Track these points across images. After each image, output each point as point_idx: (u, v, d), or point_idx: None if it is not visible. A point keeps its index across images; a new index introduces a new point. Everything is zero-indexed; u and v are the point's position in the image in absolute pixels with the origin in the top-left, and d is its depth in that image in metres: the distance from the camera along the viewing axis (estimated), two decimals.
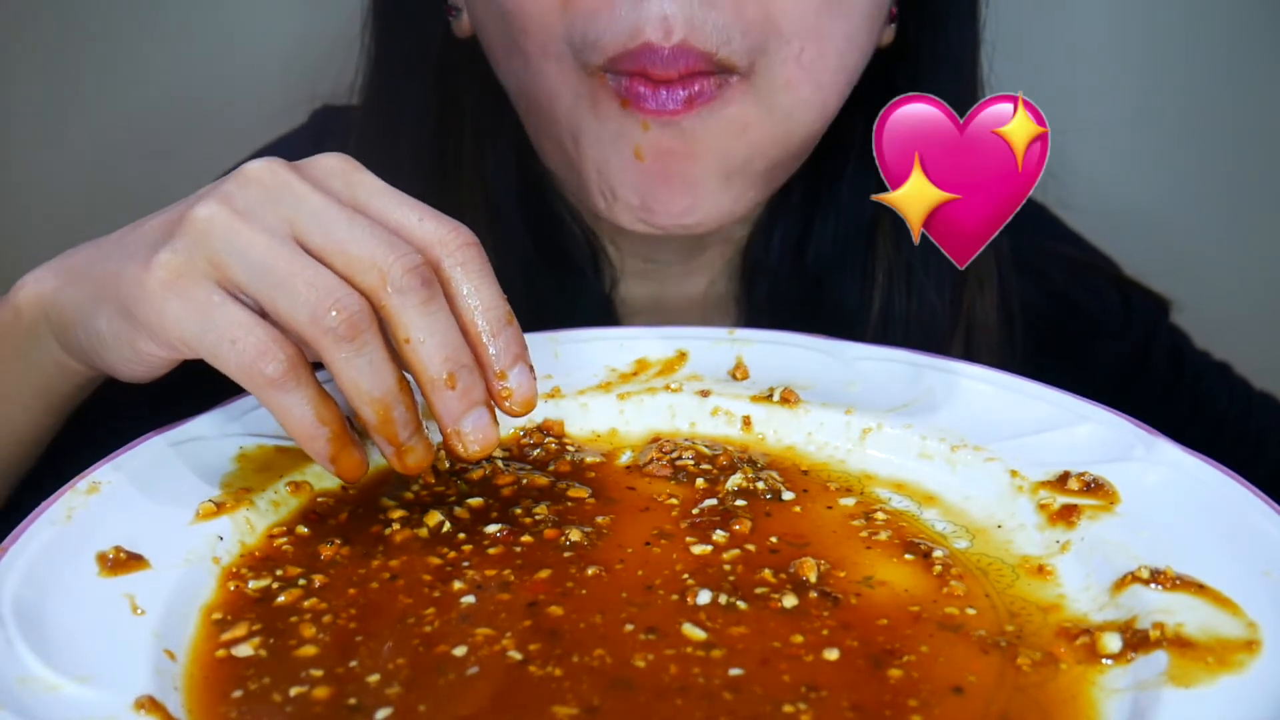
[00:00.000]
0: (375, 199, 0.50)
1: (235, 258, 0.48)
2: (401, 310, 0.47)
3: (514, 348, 0.50)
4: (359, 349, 0.47)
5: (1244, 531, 0.48)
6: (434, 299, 0.48)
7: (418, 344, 0.48)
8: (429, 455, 0.51)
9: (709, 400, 0.61)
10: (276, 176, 0.50)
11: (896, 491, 0.56)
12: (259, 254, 0.48)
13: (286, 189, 0.49)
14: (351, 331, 0.47)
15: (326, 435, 0.48)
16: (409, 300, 0.47)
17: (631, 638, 0.44)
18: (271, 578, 0.48)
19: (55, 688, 0.40)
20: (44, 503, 0.48)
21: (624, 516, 0.52)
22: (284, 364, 0.47)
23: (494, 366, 0.49)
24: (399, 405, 0.48)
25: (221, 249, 0.48)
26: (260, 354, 0.47)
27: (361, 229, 0.48)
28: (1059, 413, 0.57)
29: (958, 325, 0.80)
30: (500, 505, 0.53)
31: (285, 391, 0.47)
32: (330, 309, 0.46)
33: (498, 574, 0.48)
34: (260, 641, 0.44)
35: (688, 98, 0.65)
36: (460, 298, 0.49)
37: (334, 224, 0.48)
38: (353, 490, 0.54)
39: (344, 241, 0.48)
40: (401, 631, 0.44)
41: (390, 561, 0.49)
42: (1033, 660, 0.43)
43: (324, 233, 0.48)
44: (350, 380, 0.48)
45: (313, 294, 0.47)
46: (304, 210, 0.49)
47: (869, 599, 0.47)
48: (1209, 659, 0.41)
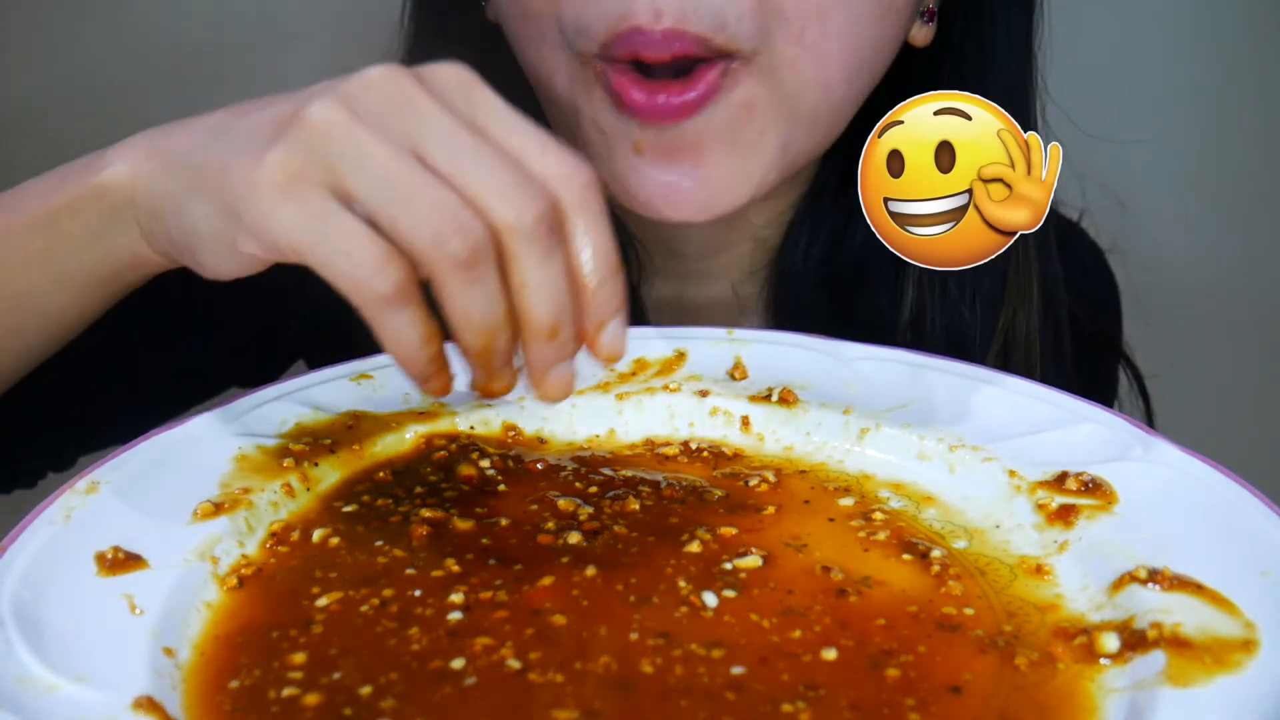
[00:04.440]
0: (497, 121, 0.48)
1: (355, 166, 0.45)
2: (524, 256, 0.46)
3: (615, 300, 0.48)
4: (477, 278, 0.45)
5: (1242, 532, 0.48)
6: (556, 249, 0.46)
7: (532, 290, 0.46)
8: (514, 383, 0.50)
9: (708, 400, 0.62)
10: (401, 86, 0.47)
11: (895, 491, 0.56)
12: (381, 165, 0.45)
13: (412, 102, 0.46)
14: (473, 259, 0.45)
15: (427, 356, 0.47)
16: (533, 248, 0.46)
17: (640, 643, 0.44)
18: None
19: (54, 688, 0.40)
20: (43, 502, 0.48)
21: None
22: (398, 281, 0.45)
23: (594, 317, 0.48)
24: (502, 336, 0.47)
25: (341, 155, 0.45)
26: (376, 269, 0.45)
27: (489, 159, 0.46)
28: (1057, 413, 0.57)
29: (992, 342, 0.78)
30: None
31: (395, 310, 0.45)
32: (454, 234, 0.44)
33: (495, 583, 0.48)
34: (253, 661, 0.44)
35: (684, 105, 0.64)
36: (574, 240, 0.47)
37: (461, 148, 0.46)
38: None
39: (471, 171, 0.45)
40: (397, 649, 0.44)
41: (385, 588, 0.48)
42: (1030, 660, 0.43)
43: (450, 156, 0.46)
44: (462, 308, 0.46)
45: (438, 216, 0.44)
46: (430, 128, 0.46)
47: (867, 599, 0.47)
48: (1207, 659, 0.41)
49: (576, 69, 0.67)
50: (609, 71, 0.65)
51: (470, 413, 0.60)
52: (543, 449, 0.60)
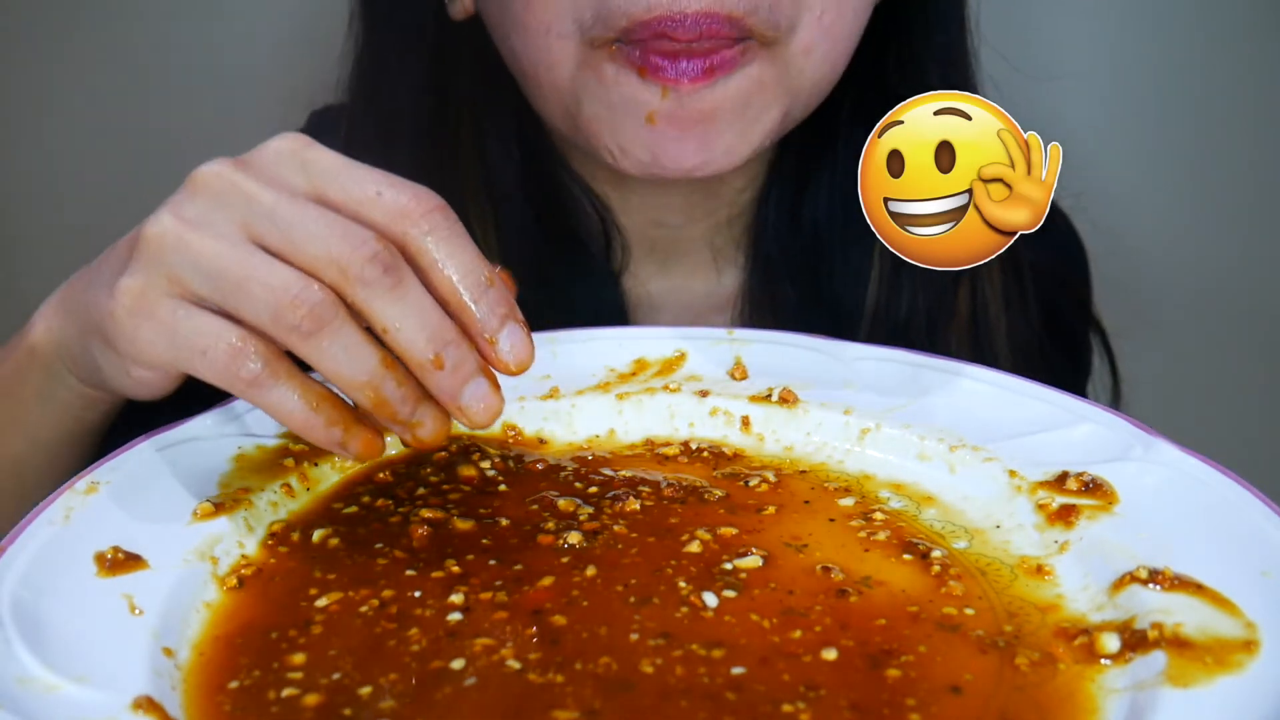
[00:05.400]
0: (331, 179, 0.48)
1: (189, 270, 0.47)
2: (369, 301, 0.46)
3: (499, 308, 0.48)
4: (330, 339, 0.46)
5: (1243, 532, 0.47)
6: (400, 283, 0.46)
7: (395, 332, 0.46)
8: (442, 424, 0.49)
9: (708, 400, 0.61)
10: (223, 178, 0.48)
11: (895, 492, 0.56)
12: (210, 262, 0.47)
13: (234, 190, 0.48)
14: (316, 325, 0.45)
15: (323, 422, 0.48)
16: (375, 291, 0.46)
17: (640, 644, 0.44)
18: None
19: (54, 688, 0.39)
20: (42, 503, 0.48)
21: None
22: (259, 363, 0.46)
23: (483, 333, 0.48)
24: (388, 383, 0.47)
25: (176, 262, 0.47)
26: (232, 358, 0.46)
27: (314, 222, 0.46)
28: (1057, 413, 0.57)
29: (961, 276, 0.81)
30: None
31: (266, 389, 0.47)
32: (290, 306, 0.45)
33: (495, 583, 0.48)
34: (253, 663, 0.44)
35: (708, 67, 0.66)
36: (434, 268, 0.47)
37: (286, 220, 0.47)
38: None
39: (299, 239, 0.46)
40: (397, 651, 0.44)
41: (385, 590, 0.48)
42: (1031, 660, 0.43)
43: (278, 231, 0.47)
44: (331, 371, 0.47)
45: (269, 294, 0.45)
46: (255, 211, 0.47)
47: (867, 599, 0.47)
48: (1207, 659, 0.41)
49: (586, 54, 0.68)
50: (624, 49, 0.66)
51: None
52: (543, 449, 0.59)
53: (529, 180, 0.80)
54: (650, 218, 0.83)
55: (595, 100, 0.69)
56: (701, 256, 0.86)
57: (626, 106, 0.68)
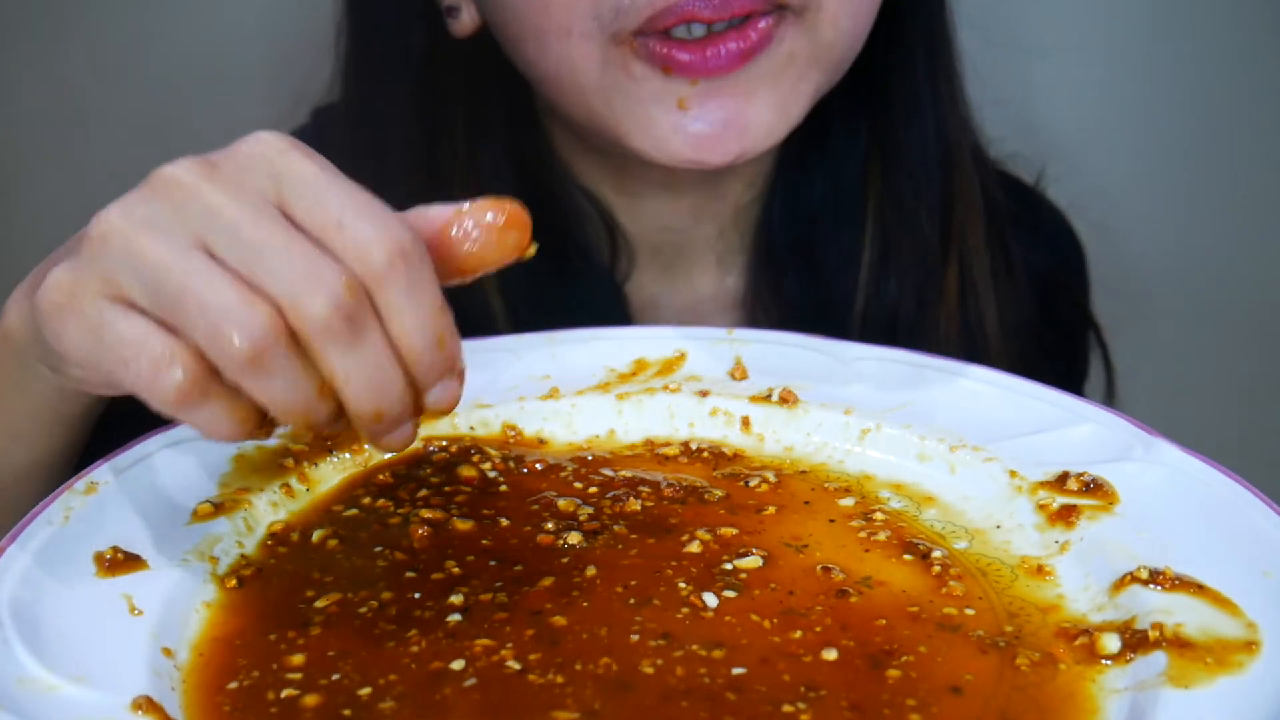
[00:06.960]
0: (299, 197, 0.43)
1: (127, 273, 0.42)
2: (324, 352, 0.42)
3: (438, 368, 0.45)
4: (267, 373, 0.42)
5: (1243, 532, 0.47)
6: (358, 335, 0.42)
7: (342, 383, 0.43)
8: (354, 439, 0.48)
9: (708, 400, 0.61)
10: (185, 185, 0.44)
11: (895, 492, 0.56)
12: (150, 269, 0.42)
13: (196, 196, 0.43)
14: (254, 355, 0.41)
15: (257, 439, 0.45)
16: (332, 340, 0.42)
17: (640, 644, 0.44)
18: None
19: (53, 688, 0.39)
20: (41, 503, 0.48)
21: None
22: (180, 383, 0.41)
23: (422, 383, 0.45)
24: (320, 410, 0.44)
25: (114, 264, 0.43)
26: (156, 373, 0.42)
27: (277, 251, 0.42)
28: (1058, 413, 0.57)
29: (949, 254, 0.82)
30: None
31: (191, 409, 0.42)
32: (231, 331, 0.41)
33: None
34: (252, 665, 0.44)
35: (740, 52, 0.66)
36: (389, 320, 0.43)
37: (248, 243, 0.42)
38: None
39: (256, 266, 0.42)
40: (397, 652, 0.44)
41: (384, 592, 0.48)
42: (1031, 660, 0.43)
43: (235, 249, 0.42)
44: (263, 399, 0.42)
45: (206, 315, 0.41)
46: (214, 221, 0.43)
47: (868, 599, 0.47)
48: (1208, 659, 0.41)
49: (610, 52, 0.67)
50: (648, 43, 0.66)
51: (470, 413, 0.60)
52: (543, 449, 0.59)
53: (524, 195, 0.80)
54: (659, 223, 0.83)
55: (625, 97, 0.68)
56: (705, 258, 0.86)
57: (657, 98, 0.68)
